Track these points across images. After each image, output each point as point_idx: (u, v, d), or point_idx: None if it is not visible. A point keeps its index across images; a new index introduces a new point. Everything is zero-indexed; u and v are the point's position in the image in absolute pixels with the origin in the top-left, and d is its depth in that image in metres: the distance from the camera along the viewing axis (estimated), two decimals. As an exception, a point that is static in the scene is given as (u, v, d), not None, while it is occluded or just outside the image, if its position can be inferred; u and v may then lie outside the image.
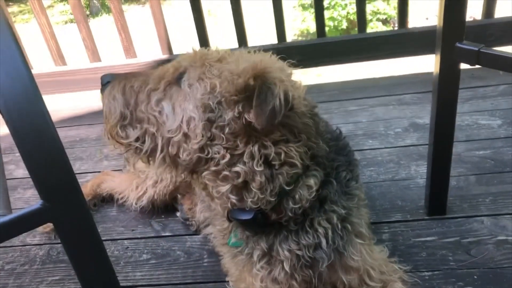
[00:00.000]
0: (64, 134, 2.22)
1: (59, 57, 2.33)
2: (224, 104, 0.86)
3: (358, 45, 2.13)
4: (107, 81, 0.99)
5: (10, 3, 16.60)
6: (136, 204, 1.63)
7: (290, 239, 1.00)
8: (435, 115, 1.35)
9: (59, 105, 2.46)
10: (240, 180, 0.89)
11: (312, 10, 10.09)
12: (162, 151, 0.91)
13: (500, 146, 1.73)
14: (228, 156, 0.87)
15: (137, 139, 0.93)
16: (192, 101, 0.88)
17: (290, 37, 11.63)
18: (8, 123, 0.72)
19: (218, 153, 0.88)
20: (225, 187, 0.91)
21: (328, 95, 2.25)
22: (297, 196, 0.93)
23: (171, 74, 0.94)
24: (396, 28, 2.17)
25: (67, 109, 2.40)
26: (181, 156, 0.90)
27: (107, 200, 1.76)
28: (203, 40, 2.26)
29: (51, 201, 0.77)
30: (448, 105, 1.31)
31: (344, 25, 9.35)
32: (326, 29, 7.81)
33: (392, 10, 9.56)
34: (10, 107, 0.72)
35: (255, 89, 0.82)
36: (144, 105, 0.92)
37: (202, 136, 0.87)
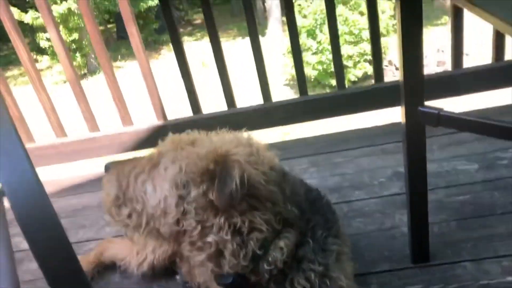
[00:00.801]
0: (66, 203, 2.33)
1: (60, 130, 2.46)
2: (191, 183, 1.01)
3: (338, 101, 2.28)
4: (107, 168, 1.16)
5: (11, 67, 17.12)
6: (137, 270, 1.71)
7: None
8: (408, 169, 1.46)
9: (60, 174, 2.58)
10: (213, 249, 1.02)
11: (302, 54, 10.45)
12: (147, 225, 1.07)
13: (479, 190, 1.83)
14: (199, 228, 1.01)
15: (128, 216, 1.09)
16: (167, 180, 1.03)
17: (282, 81, 11.97)
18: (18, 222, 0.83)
19: (191, 225, 1.02)
20: (201, 256, 1.05)
21: (315, 148, 2.37)
22: (270, 259, 1.03)
23: (155, 158, 1.09)
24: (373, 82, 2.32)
25: (68, 178, 2.51)
26: (161, 229, 1.05)
27: (111, 267, 1.84)
28: (195, 105, 2.41)
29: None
30: (418, 158, 1.43)
31: (333, 68, 9.62)
32: (316, 73, 7.98)
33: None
34: (19, 208, 0.82)
35: (215, 173, 0.97)
36: (133, 187, 1.08)
37: (177, 212, 1.02)
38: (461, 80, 2.15)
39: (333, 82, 9.88)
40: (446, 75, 2.28)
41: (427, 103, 1.35)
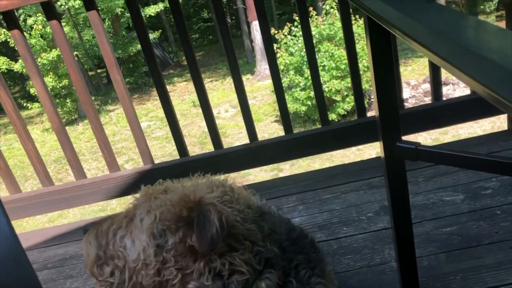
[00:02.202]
0: (53, 253, 2.29)
1: (46, 178, 2.45)
2: (167, 231, 1.01)
3: (323, 137, 2.31)
4: (86, 229, 1.14)
5: (1, 115, 17.16)
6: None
7: None
8: (391, 204, 1.47)
9: (46, 223, 2.55)
10: None
11: (290, 92, 10.61)
12: (130, 280, 1.03)
13: (465, 221, 1.83)
14: (180, 275, 0.99)
15: (111, 274, 1.05)
16: (144, 231, 1.03)
17: (272, 117, 12.09)
18: None
19: (172, 274, 1.00)
20: None
21: (303, 185, 2.37)
22: None
23: (131, 211, 1.09)
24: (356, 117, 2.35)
25: (54, 227, 2.49)
26: (143, 282, 1.02)
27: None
28: (181, 148, 2.42)
29: None
30: (400, 192, 1.43)
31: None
32: (306, 108, 8.04)
33: (364, 83, 10.07)
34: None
35: (189, 219, 0.98)
36: (112, 244, 1.06)
37: (156, 261, 1.00)
38: (439, 113, 2.19)
39: (322, 116, 10.05)
40: (422, 109, 2.32)
41: (408, 136, 1.38)
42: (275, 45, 9.64)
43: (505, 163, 1.18)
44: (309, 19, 2.33)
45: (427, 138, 8.41)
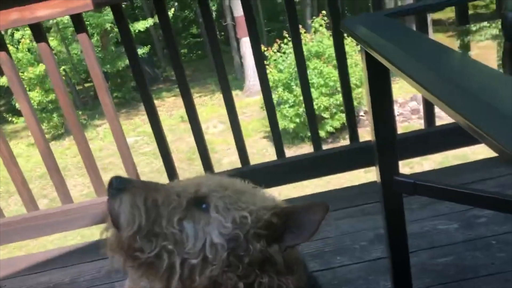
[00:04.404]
0: (35, 281, 2.20)
1: (31, 203, 2.38)
2: (250, 237, 0.92)
3: (315, 162, 2.28)
4: (123, 186, 0.93)
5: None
6: None
7: None
8: (388, 236, 1.44)
9: (29, 249, 2.47)
10: None
11: (279, 108, 10.62)
12: (182, 268, 0.90)
13: (460, 251, 1.81)
14: (241, 285, 0.91)
15: (157, 255, 0.90)
16: (218, 227, 0.91)
17: (261, 133, 12.08)
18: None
19: (231, 279, 0.91)
20: None
21: (295, 211, 2.33)
22: None
23: (192, 194, 0.95)
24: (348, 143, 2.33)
25: (38, 254, 2.40)
26: (196, 279, 0.90)
27: None
28: (170, 169, 2.37)
29: None
30: (397, 225, 1.41)
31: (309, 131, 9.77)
32: (294, 125, 8.02)
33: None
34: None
35: (278, 228, 0.94)
36: (165, 221, 0.91)
37: (222, 263, 0.90)
38: (432, 139, 2.18)
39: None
40: (416, 134, 2.30)
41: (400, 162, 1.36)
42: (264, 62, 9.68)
43: (503, 200, 1.16)
44: (301, 35, 2.31)
45: (413, 159, 8.42)
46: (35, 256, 2.40)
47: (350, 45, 9.35)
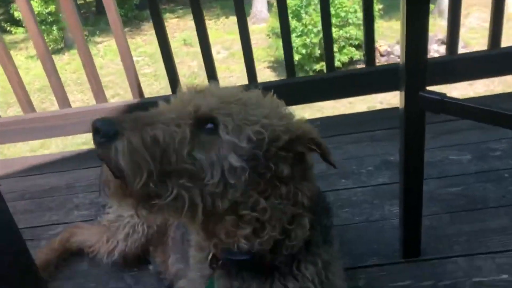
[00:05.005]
0: (33, 183, 2.17)
1: (28, 104, 2.28)
2: (270, 155, 0.86)
3: (327, 84, 2.16)
4: (113, 131, 0.78)
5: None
6: (107, 258, 1.58)
7: (278, 285, 0.97)
8: (404, 159, 1.35)
9: (27, 151, 2.41)
10: (266, 217, 0.87)
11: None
12: (204, 202, 0.83)
13: (471, 182, 1.75)
14: (262, 201, 0.87)
15: (176, 197, 0.82)
16: (233, 150, 0.82)
17: (265, 63, 11.80)
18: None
19: (252, 197, 0.86)
20: (245, 230, 0.88)
21: (302, 133, 2.25)
22: (292, 235, 0.92)
23: (192, 118, 0.84)
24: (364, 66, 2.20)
25: (35, 157, 2.35)
26: (219, 205, 0.84)
27: (78, 254, 1.70)
28: (175, 84, 2.27)
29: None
30: (416, 147, 1.32)
31: (318, 52, 9.47)
32: (299, 57, 7.69)
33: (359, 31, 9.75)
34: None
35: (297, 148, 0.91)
36: (174, 158, 0.80)
37: (244, 183, 0.84)
38: (461, 66, 2.04)
39: (317, 67, 9.76)
40: (447, 60, 2.15)
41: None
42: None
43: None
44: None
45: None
46: (32, 159, 2.35)
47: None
